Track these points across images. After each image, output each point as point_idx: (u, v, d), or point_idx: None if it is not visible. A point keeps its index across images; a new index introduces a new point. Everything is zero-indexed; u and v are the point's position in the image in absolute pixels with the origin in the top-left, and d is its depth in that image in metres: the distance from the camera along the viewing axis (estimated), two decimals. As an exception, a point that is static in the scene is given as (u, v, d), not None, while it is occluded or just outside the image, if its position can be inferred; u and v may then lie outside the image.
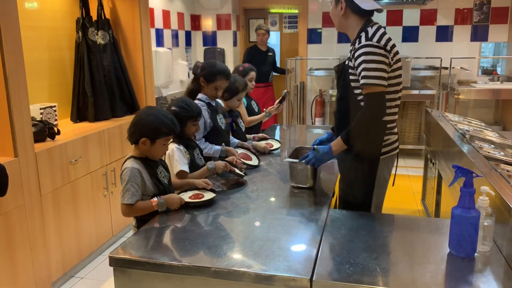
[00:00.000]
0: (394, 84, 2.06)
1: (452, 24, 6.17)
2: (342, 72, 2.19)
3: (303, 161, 2.22)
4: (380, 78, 1.97)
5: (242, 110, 3.40)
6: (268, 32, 5.95)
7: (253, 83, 3.51)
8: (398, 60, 2.07)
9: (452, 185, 1.83)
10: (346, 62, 2.17)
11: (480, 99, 5.88)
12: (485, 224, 1.56)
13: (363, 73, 1.98)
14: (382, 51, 1.98)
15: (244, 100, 3.43)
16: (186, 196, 2.11)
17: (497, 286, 1.41)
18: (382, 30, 2.06)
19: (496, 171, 1.99)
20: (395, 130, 2.17)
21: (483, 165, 2.12)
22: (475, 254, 1.57)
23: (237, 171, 2.47)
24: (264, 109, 3.57)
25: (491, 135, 2.90)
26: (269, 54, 6.02)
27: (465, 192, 1.51)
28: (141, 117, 2.07)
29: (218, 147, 2.71)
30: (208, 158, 2.63)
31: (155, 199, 2.00)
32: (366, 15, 2.13)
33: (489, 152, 2.33)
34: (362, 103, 2.06)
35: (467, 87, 5.65)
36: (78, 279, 3.03)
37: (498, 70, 6.13)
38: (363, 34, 2.06)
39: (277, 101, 3.52)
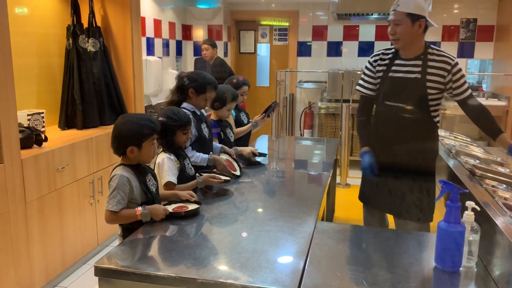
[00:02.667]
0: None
1: (440, 41, 6.28)
2: (417, 85, 2.40)
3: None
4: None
5: (230, 122, 3.40)
6: (211, 46, 5.67)
7: (245, 96, 3.55)
8: None
9: (438, 200, 1.86)
10: (419, 76, 2.42)
11: (466, 115, 5.96)
12: (470, 239, 1.57)
13: (466, 85, 2.46)
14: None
15: (232, 111, 3.44)
16: (170, 208, 2.09)
17: (481, 300, 1.43)
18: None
19: (481, 187, 2.02)
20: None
21: (468, 180, 2.15)
22: (460, 268, 1.58)
23: (223, 178, 2.48)
24: (250, 120, 3.58)
25: (477, 150, 2.94)
26: (215, 69, 5.63)
27: (451, 206, 1.53)
28: (118, 128, 2.05)
29: (205, 156, 2.71)
30: (197, 168, 2.62)
31: (139, 208, 1.98)
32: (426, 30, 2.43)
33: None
34: (434, 116, 2.48)
35: (453, 102, 5.72)
36: (61, 288, 2.99)
37: (484, 86, 6.24)
38: (443, 52, 2.42)
39: (263, 111, 3.54)
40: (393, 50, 2.52)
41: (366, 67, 2.59)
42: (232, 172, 2.68)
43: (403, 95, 2.42)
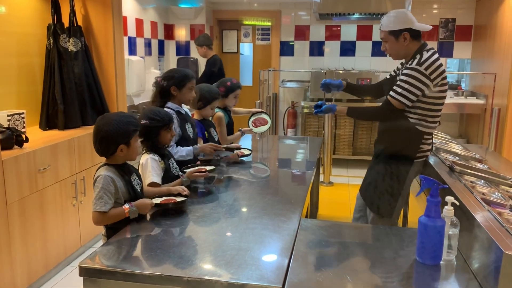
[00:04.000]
0: (437, 103, 2.44)
1: (420, 40, 6.38)
2: (391, 84, 2.54)
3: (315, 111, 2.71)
4: (404, 96, 2.39)
5: (223, 131, 3.42)
6: (199, 46, 5.54)
7: (237, 99, 3.58)
8: (444, 79, 2.41)
9: (419, 196, 1.91)
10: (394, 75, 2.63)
11: (446, 113, 6.08)
12: (450, 233, 1.62)
13: (395, 87, 2.42)
14: (424, 79, 2.34)
15: (225, 116, 3.47)
16: (158, 201, 2.10)
17: (461, 292, 1.47)
18: (435, 56, 2.38)
19: (461, 182, 2.07)
20: (429, 141, 2.57)
21: (448, 176, 2.20)
22: (441, 262, 1.62)
23: (208, 168, 2.51)
24: (240, 128, 3.61)
25: (456, 147, 3.01)
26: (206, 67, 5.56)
27: (431, 201, 1.56)
28: (104, 129, 2.02)
29: (189, 148, 2.73)
30: (181, 164, 2.62)
31: (126, 206, 1.97)
32: (420, 37, 2.47)
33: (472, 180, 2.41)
34: (410, 117, 2.47)
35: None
36: (44, 290, 2.95)
37: (463, 85, 6.37)
38: (418, 57, 2.39)
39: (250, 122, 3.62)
40: None
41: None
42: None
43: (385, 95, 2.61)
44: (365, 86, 3.29)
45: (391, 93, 2.44)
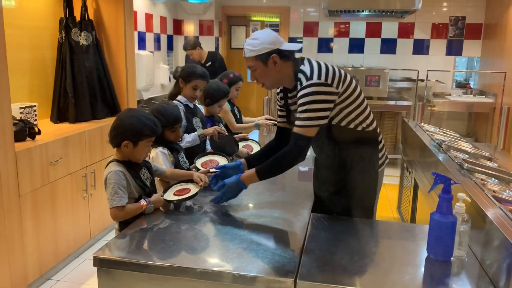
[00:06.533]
0: (354, 99, 2.01)
1: (429, 38, 6.36)
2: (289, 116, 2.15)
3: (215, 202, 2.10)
4: (315, 118, 1.92)
5: (230, 118, 3.43)
6: (193, 48, 5.48)
7: (239, 92, 3.59)
8: (345, 78, 1.99)
9: (427, 194, 1.90)
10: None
11: (454, 111, 6.08)
12: (461, 229, 1.62)
13: (300, 115, 1.94)
14: (326, 89, 1.92)
15: (228, 105, 3.48)
16: (172, 192, 2.12)
17: (471, 288, 1.48)
18: (314, 63, 2.00)
19: (471, 180, 2.07)
20: (382, 142, 2.16)
21: (459, 173, 2.20)
22: (451, 258, 1.63)
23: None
24: (256, 119, 3.61)
25: (465, 145, 3.01)
26: (207, 64, 5.49)
27: (443, 198, 1.57)
28: (122, 120, 2.04)
29: (194, 133, 2.77)
30: (192, 155, 2.64)
31: (144, 202, 2.00)
32: (291, 56, 2.04)
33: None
34: (353, 127, 2.02)
35: (441, 99, 5.83)
36: (55, 281, 2.98)
37: (471, 84, 6.34)
38: (301, 75, 1.96)
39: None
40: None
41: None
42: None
43: None
44: (262, 150, 2.40)
45: (298, 122, 1.94)
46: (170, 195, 2.12)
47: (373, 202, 2.14)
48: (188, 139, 2.76)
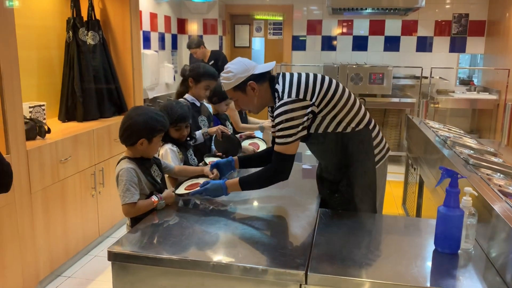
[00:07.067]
0: (335, 106, 2.00)
1: (432, 35, 6.38)
2: None
3: (196, 193, 2.13)
4: (291, 135, 1.95)
5: (236, 117, 3.45)
6: (197, 47, 5.54)
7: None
8: (322, 86, 2.00)
9: (433, 189, 1.93)
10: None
11: (458, 108, 6.10)
12: (468, 223, 1.65)
13: (279, 133, 1.96)
14: (299, 105, 1.94)
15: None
16: (183, 187, 2.17)
17: (478, 280, 1.51)
18: (287, 79, 2.01)
19: (477, 175, 2.10)
20: (379, 137, 2.14)
21: (464, 169, 2.23)
22: (459, 251, 1.66)
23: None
24: (261, 122, 3.61)
25: (470, 141, 3.03)
26: (210, 63, 5.42)
27: (450, 192, 1.60)
28: (133, 119, 2.07)
29: (198, 132, 2.79)
30: (200, 153, 2.67)
31: (155, 198, 2.03)
32: (266, 77, 2.08)
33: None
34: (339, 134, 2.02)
35: (445, 96, 5.85)
36: (65, 278, 3.03)
37: (475, 80, 6.36)
38: (276, 94, 2.01)
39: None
40: None
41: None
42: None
43: None
44: (257, 153, 2.54)
45: (278, 141, 1.98)
46: (181, 190, 2.15)
47: (374, 198, 2.16)
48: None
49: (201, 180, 2.22)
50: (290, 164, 2.03)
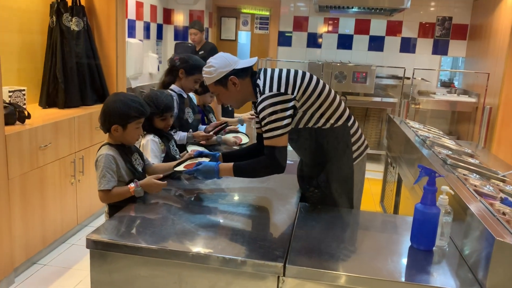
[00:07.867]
0: (315, 101, 2.02)
1: (416, 37, 6.47)
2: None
3: (188, 173, 2.15)
4: (279, 128, 1.96)
5: (218, 109, 3.45)
6: (200, 31, 5.60)
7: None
8: (302, 81, 2.01)
9: (411, 188, 1.96)
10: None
11: (438, 110, 6.20)
12: (444, 221, 1.70)
13: (266, 128, 1.97)
14: (282, 99, 1.95)
15: None
16: (182, 166, 2.17)
17: (451, 276, 1.55)
18: (268, 74, 2.02)
19: (454, 174, 2.15)
20: (358, 134, 2.17)
21: (442, 168, 2.28)
22: (433, 248, 1.70)
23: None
24: (239, 115, 3.62)
25: (449, 142, 3.10)
26: (200, 53, 5.50)
27: (428, 190, 1.64)
28: (108, 105, 2.07)
29: (184, 134, 2.77)
30: (181, 148, 2.67)
31: (132, 185, 2.02)
32: (248, 72, 2.10)
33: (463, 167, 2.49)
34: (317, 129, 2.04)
35: (426, 97, 5.95)
36: (41, 266, 2.99)
37: (456, 83, 6.48)
38: (257, 89, 2.03)
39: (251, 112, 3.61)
40: None
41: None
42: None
43: None
44: (243, 149, 2.52)
45: (266, 135, 1.99)
46: (181, 167, 2.16)
47: (351, 194, 2.19)
48: (176, 137, 2.75)
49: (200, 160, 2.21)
50: (284, 156, 2.02)
